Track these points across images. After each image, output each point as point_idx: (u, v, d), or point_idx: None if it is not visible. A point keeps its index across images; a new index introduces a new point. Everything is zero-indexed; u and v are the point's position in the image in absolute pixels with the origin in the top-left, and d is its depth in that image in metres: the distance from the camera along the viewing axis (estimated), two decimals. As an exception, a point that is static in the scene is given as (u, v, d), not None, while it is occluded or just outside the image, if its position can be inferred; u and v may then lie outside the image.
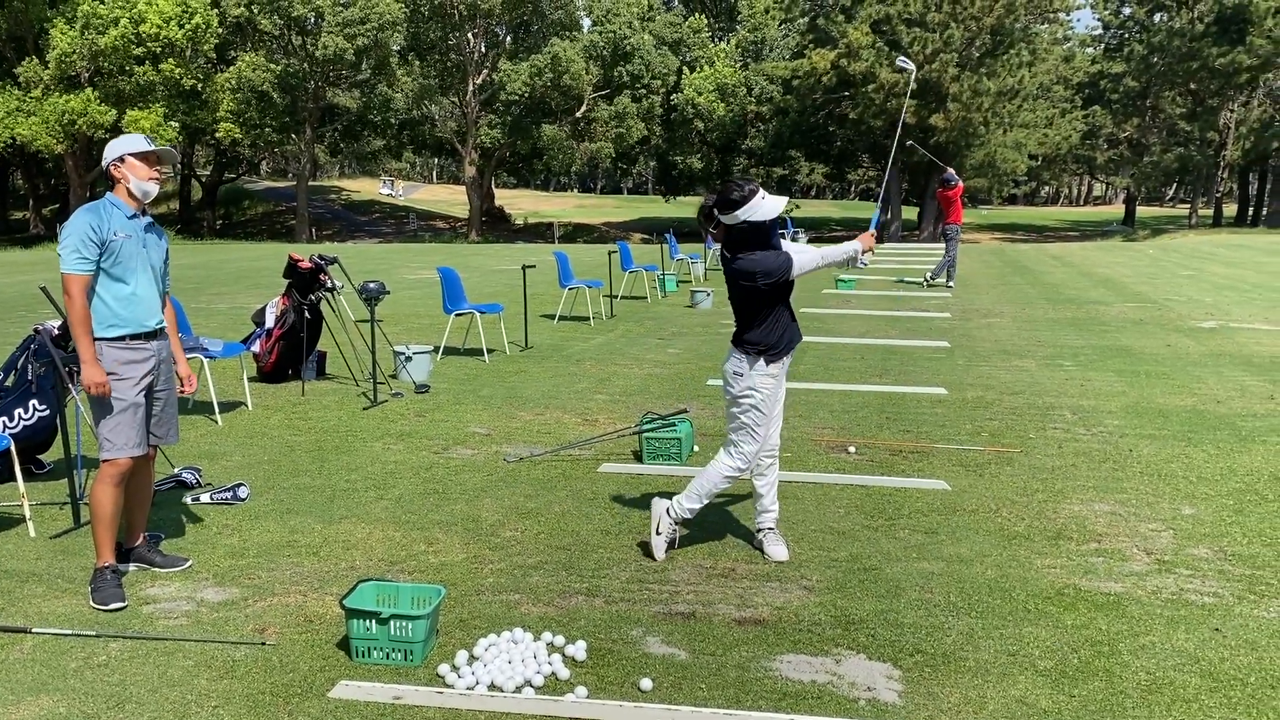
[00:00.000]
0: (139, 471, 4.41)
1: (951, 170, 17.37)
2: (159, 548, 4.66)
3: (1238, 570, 4.54)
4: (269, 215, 58.72)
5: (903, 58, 5.58)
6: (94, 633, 3.85)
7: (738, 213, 4.36)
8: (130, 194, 4.23)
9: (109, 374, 4.15)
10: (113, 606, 4.09)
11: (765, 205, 4.36)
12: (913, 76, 6.35)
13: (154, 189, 4.27)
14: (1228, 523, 5.17)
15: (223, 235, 47.71)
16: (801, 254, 4.47)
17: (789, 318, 4.56)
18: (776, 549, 4.67)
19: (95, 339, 4.15)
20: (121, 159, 4.20)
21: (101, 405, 4.17)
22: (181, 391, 4.59)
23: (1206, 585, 4.37)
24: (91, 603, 4.12)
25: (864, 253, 4.59)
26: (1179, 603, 4.19)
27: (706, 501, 4.67)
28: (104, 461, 4.20)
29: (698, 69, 49.24)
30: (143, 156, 4.23)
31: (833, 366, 9.62)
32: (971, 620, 4.01)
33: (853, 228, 55.73)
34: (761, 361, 4.49)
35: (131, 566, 4.49)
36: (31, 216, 48.00)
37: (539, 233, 50.73)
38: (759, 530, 4.77)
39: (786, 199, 4.57)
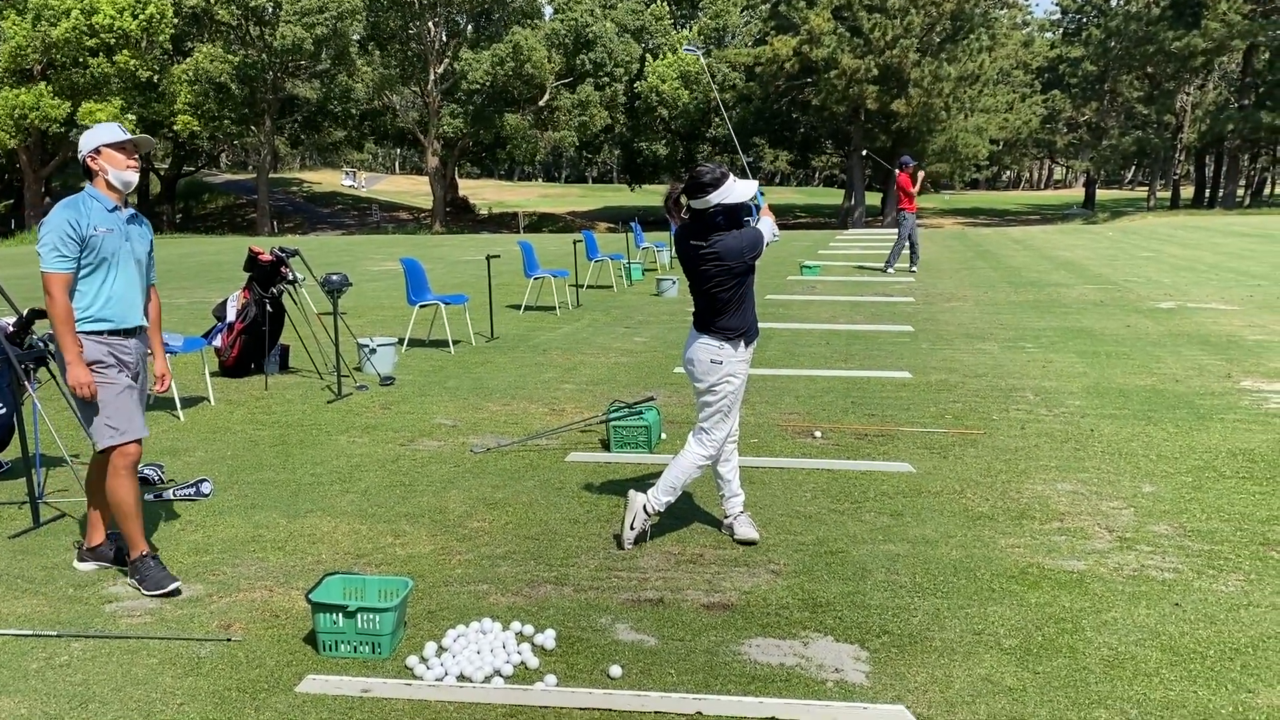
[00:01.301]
0: (101, 469, 4.34)
1: (908, 156, 17.47)
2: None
3: (1197, 546, 4.61)
4: (229, 208, 58.06)
5: (689, 45, 5.62)
6: (55, 633, 3.80)
7: (710, 197, 4.35)
8: (110, 185, 4.14)
9: (92, 363, 4.08)
10: (169, 588, 4.09)
11: (738, 188, 4.37)
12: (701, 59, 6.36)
13: (133, 178, 4.18)
14: (1187, 500, 5.25)
15: (182, 229, 47.14)
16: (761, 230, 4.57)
17: (751, 306, 4.57)
18: (748, 531, 4.68)
19: (78, 332, 4.08)
20: (98, 150, 4.10)
21: (93, 398, 4.10)
22: (155, 390, 4.54)
23: (1167, 561, 4.44)
24: (144, 591, 4.12)
25: (776, 229, 4.77)
26: (1140, 579, 4.25)
27: (679, 493, 4.67)
28: (111, 452, 4.13)
29: (661, 56, 49.18)
30: (119, 146, 4.13)
31: (798, 352, 9.67)
32: (937, 600, 4.05)
33: (817, 214, 55.98)
34: (742, 345, 4.50)
35: (91, 565, 4.43)
36: (-15, 212, 47.13)
37: (504, 223, 50.51)
38: (728, 516, 4.78)
39: (757, 182, 4.57)
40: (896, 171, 17.10)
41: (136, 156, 4.20)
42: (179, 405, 7.29)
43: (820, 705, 3.25)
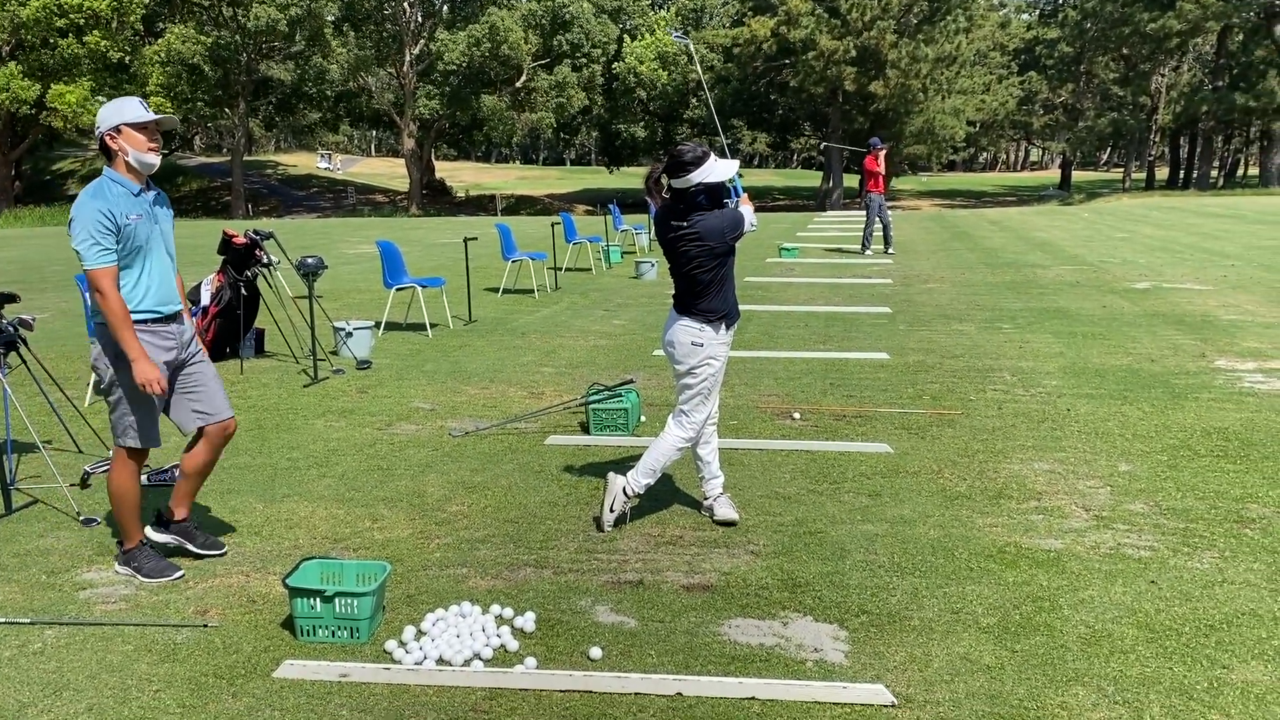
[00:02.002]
0: (213, 450, 4.25)
1: (876, 138, 17.50)
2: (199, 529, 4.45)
3: (1172, 524, 4.65)
4: (203, 191, 57.49)
5: (676, 33, 5.56)
6: (28, 620, 3.75)
7: (692, 176, 4.33)
8: (130, 167, 3.88)
9: (130, 360, 3.89)
10: (173, 576, 4.04)
11: (719, 167, 4.36)
12: (690, 48, 6.26)
13: (155, 161, 3.91)
14: (1162, 478, 5.29)
15: (156, 212, 46.59)
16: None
17: (732, 289, 4.56)
18: (727, 512, 4.68)
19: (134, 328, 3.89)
20: (118, 129, 3.83)
21: (121, 392, 3.95)
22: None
23: (1143, 539, 4.47)
24: (142, 579, 4.05)
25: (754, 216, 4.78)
26: (1116, 557, 4.28)
27: (659, 475, 4.66)
28: (123, 448, 4.02)
29: (638, 37, 48.96)
30: (140, 126, 3.85)
31: (776, 334, 9.67)
32: (915, 580, 4.06)
33: (795, 196, 56.00)
34: (723, 328, 4.49)
35: (170, 538, 4.29)
36: (-46, 196, 46.47)
37: (481, 205, 50.27)
38: (707, 497, 4.78)
39: (737, 162, 4.55)
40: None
41: (159, 137, 3.94)
42: (153, 390, 7.20)
43: (800, 685, 3.26)
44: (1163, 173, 59.38)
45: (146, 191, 3.96)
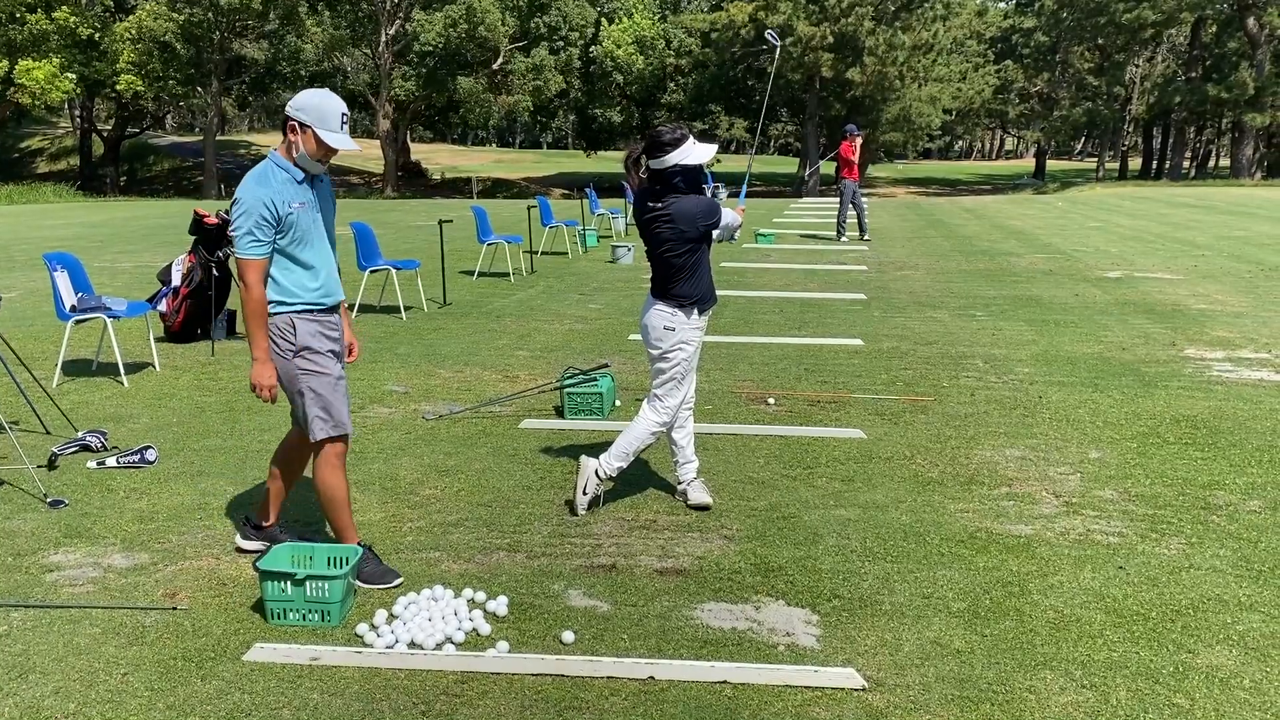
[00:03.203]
0: (301, 449, 4.07)
1: (852, 125, 17.54)
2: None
3: (1141, 510, 4.70)
4: (175, 171, 56.82)
5: (770, 32, 5.52)
6: (-6, 603, 3.71)
7: (669, 157, 4.31)
8: (295, 160, 3.72)
9: (304, 348, 3.76)
10: (394, 583, 3.87)
11: (696, 150, 4.35)
12: (778, 50, 6.16)
13: (320, 170, 3.79)
14: (1132, 465, 5.34)
15: (127, 192, 46.10)
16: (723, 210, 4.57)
17: (708, 275, 4.55)
18: (701, 496, 4.69)
19: (285, 312, 3.74)
20: (304, 127, 3.64)
21: (306, 384, 3.78)
22: (347, 360, 4.12)
23: (1111, 525, 4.51)
24: (363, 585, 3.85)
25: (738, 227, 4.75)
26: (1086, 543, 4.32)
27: (632, 459, 4.66)
28: (324, 444, 3.85)
29: (616, 21, 48.73)
30: (324, 141, 3.65)
31: (752, 320, 9.68)
32: (887, 565, 4.09)
33: (772, 183, 56.01)
34: (695, 313, 4.49)
35: (257, 545, 4.14)
36: (-80, 173, 45.73)
37: (457, 188, 49.97)
38: (681, 482, 4.79)
39: (715, 146, 4.54)
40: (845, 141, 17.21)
41: (333, 154, 3.75)
42: (123, 371, 7.13)
43: (771, 669, 3.27)
44: (1136, 163, 59.86)
45: (310, 181, 3.79)
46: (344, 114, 3.69)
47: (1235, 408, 6.47)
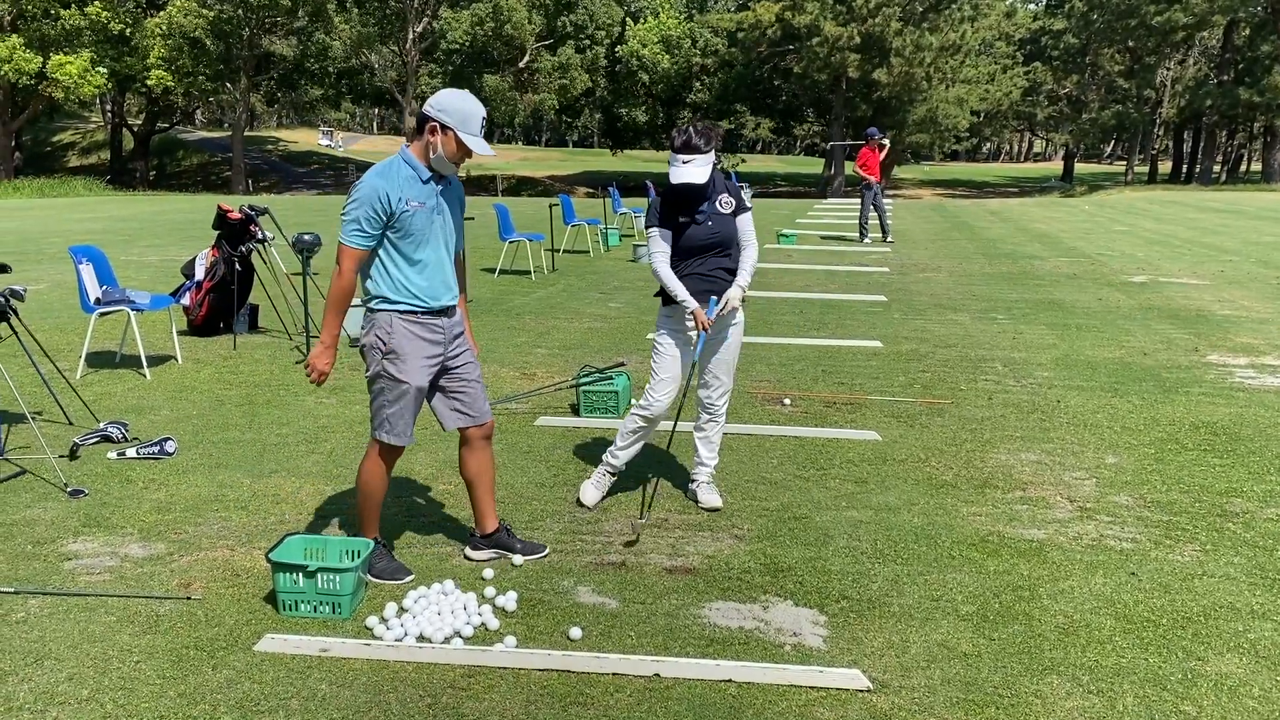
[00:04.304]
0: (478, 452, 4.06)
1: (874, 128, 17.47)
2: (517, 535, 4.28)
3: (1155, 516, 4.67)
4: (204, 166, 57.35)
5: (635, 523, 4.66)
6: (12, 589, 3.77)
7: (685, 157, 4.29)
8: (428, 158, 3.71)
9: (392, 352, 3.74)
10: (404, 579, 3.88)
11: (675, 170, 4.30)
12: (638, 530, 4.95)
13: (452, 172, 3.80)
14: (1149, 471, 5.31)
15: (156, 187, 46.52)
16: (663, 254, 4.45)
17: (701, 269, 4.46)
18: (710, 498, 4.70)
19: (388, 310, 3.73)
20: (446, 128, 3.65)
21: (385, 387, 3.80)
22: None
23: (1125, 531, 4.49)
24: (373, 579, 3.87)
25: (692, 327, 4.50)
26: (1098, 548, 4.30)
27: (628, 445, 4.66)
28: (377, 441, 3.89)
29: (642, 20, 48.74)
30: (461, 143, 3.66)
31: (771, 320, 9.67)
32: (897, 567, 4.08)
33: (798, 183, 55.88)
34: (663, 307, 4.53)
35: (487, 554, 4.14)
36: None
37: (482, 185, 50.14)
38: (692, 481, 4.80)
39: (693, 180, 4.30)
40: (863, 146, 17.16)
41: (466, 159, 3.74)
42: (145, 363, 7.21)
43: (777, 668, 3.28)
44: (1166, 166, 59.26)
45: (437, 181, 3.76)
46: (484, 118, 3.71)
47: (1256, 414, 6.41)
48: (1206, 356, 8.16)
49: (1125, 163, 59.61)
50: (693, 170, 4.27)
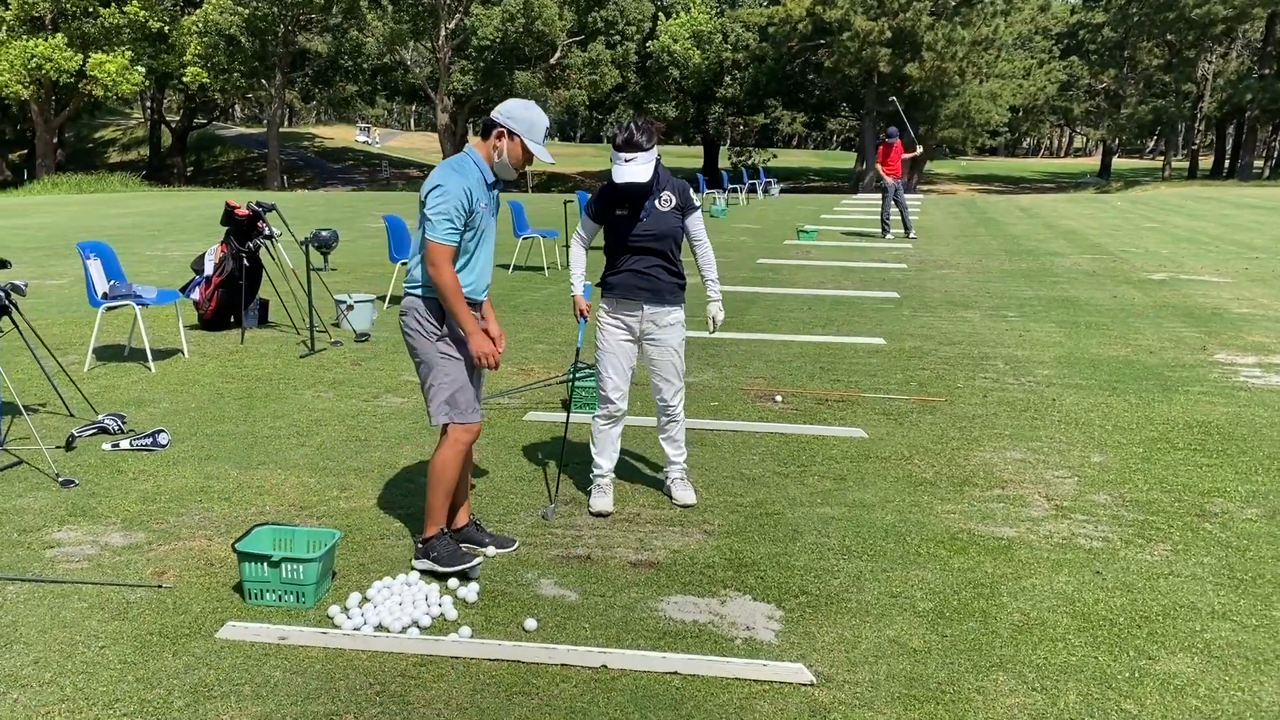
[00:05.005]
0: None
1: (894, 127, 17.36)
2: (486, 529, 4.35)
3: (1131, 515, 4.65)
4: (240, 162, 58.03)
5: (547, 509, 4.67)
6: (-8, 576, 3.89)
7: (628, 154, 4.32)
8: (493, 161, 3.87)
9: (447, 334, 3.88)
10: (472, 564, 3.90)
11: (617, 169, 4.30)
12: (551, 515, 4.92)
13: (511, 176, 3.95)
14: (1133, 470, 5.28)
15: (192, 183, 47.15)
16: (580, 240, 4.70)
17: (636, 265, 4.49)
18: (684, 494, 4.73)
19: (435, 297, 3.83)
20: (514, 135, 3.83)
21: (441, 370, 3.89)
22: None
23: (1098, 530, 4.47)
24: (442, 569, 3.90)
25: (579, 309, 4.70)
26: (1068, 547, 4.29)
27: (603, 450, 4.68)
28: (453, 427, 3.92)
29: (673, 15, 48.68)
30: (525, 148, 3.86)
31: (778, 317, 9.67)
32: (861, 563, 4.10)
33: (831, 178, 55.59)
34: (613, 301, 4.55)
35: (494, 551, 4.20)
36: (-2, 163, 47.29)
37: (514, 182, 50.38)
38: (667, 478, 4.84)
39: (637, 179, 4.30)
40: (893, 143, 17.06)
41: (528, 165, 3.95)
42: (150, 357, 7.36)
43: (722, 661, 3.31)
44: (1207, 162, 58.30)
45: (492, 187, 3.93)
46: (548, 127, 3.91)
47: (1254, 414, 6.34)
48: (1214, 355, 8.06)
49: (1163, 158, 58.75)
50: (635, 169, 4.27)
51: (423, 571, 3.96)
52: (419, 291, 3.89)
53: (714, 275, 4.68)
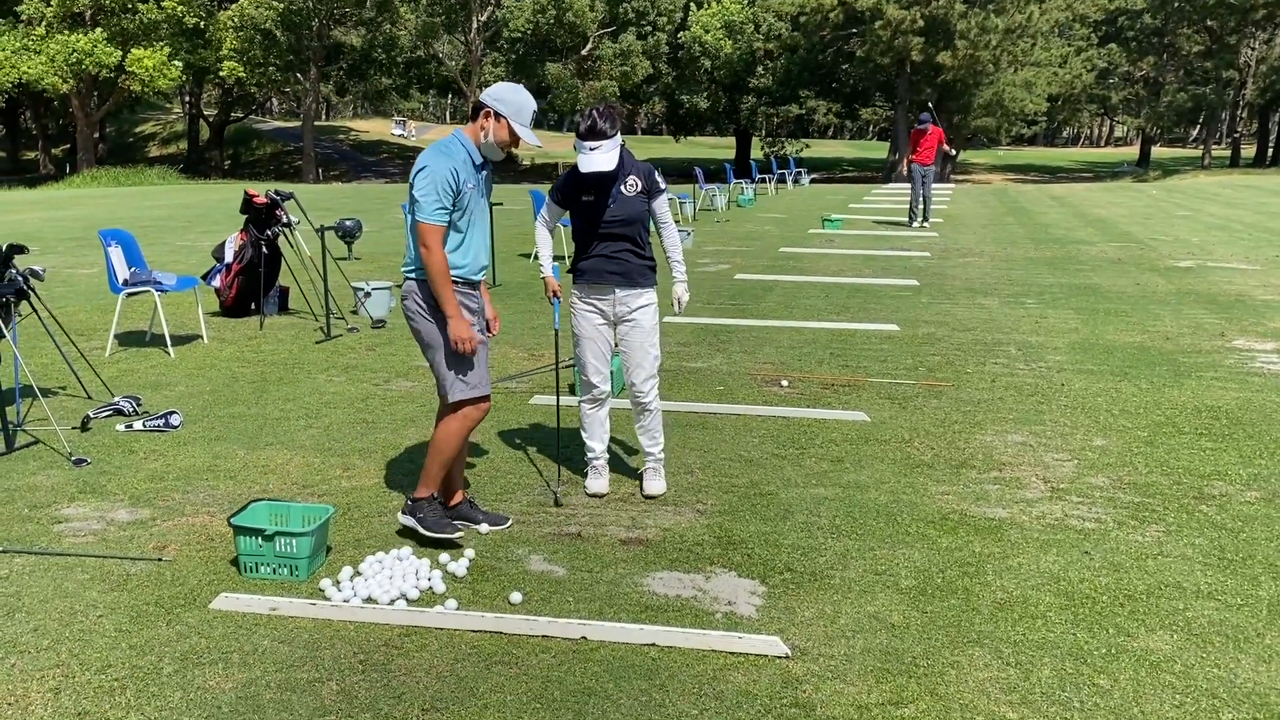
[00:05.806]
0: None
1: (926, 114, 17.22)
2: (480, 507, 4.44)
3: (1127, 498, 4.63)
4: (277, 155, 58.62)
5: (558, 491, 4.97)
6: (0, 548, 4.01)
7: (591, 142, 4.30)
8: (480, 142, 3.96)
9: (446, 316, 3.94)
10: (454, 534, 4.01)
11: (583, 158, 4.27)
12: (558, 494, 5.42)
13: (498, 157, 4.04)
14: (1134, 453, 5.25)
15: (230, 176, 47.73)
16: (543, 221, 4.62)
17: (605, 250, 4.49)
18: (651, 484, 4.70)
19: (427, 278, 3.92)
20: (500, 115, 3.91)
21: (448, 348, 3.97)
22: (488, 334, 4.29)
23: (1091, 512, 4.47)
24: (425, 531, 4.00)
25: (551, 290, 4.66)
26: (1059, 528, 4.29)
27: (594, 434, 4.73)
28: (461, 402, 4.02)
29: (705, 5, 48.53)
30: (512, 130, 3.93)
31: (794, 304, 9.68)
32: (849, 542, 4.13)
33: (865, 168, 55.22)
34: (584, 287, 4.56)
35: (488, 529, 4.29)
36: (41, 157, 48.11)
37: (545, 173, 50.50)
38: (641, 469, 4.86)
39: (603, 168, 4.28)
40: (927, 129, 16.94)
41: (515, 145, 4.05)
42: (169, 342, 7.51)
43: (699, 633, 3.36)
44: (1250, 150, 57.29)
45: (481, 168, 4.01)
46: (534, 111, 4.00)
47: (1265, 399, 6.28)
48: (1232, 341, 7.98)
49: (1202, 146, 57.78)
50: (600, 157, 4.25)
51: (404, 528, 4.05)
52: (416, 274, 3.98)
53: (679, 257, 4.75)
